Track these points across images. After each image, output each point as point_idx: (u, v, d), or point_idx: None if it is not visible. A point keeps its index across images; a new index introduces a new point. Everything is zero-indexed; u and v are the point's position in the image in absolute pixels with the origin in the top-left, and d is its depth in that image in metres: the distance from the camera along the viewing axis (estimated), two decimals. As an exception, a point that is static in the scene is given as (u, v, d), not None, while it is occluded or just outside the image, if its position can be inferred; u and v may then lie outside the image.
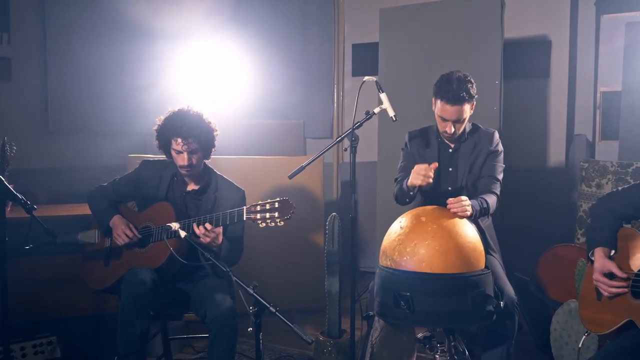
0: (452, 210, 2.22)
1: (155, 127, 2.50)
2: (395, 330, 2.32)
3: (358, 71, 5.17)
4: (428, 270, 2.04)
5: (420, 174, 2.31)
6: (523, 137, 4.27)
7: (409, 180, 2.38)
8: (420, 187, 2.39)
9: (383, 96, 2.38)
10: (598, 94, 4.08)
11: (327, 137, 5.34)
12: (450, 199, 2.25)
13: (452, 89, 2.38)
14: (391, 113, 2.35)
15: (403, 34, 3.69)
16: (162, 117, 2.49)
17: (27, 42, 4.19)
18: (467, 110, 2.46)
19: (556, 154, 4.33)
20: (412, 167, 2.59)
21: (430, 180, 2.32)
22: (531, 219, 4.18)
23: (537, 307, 2.98)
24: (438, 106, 2.47)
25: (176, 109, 2.48)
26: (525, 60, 4.30)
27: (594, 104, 4.15)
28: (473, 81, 2.46)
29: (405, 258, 2.10)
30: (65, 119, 4.41)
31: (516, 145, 4.00)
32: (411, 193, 2.44)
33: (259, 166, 3.77)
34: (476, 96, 2.47)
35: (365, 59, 5.09)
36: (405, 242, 2.13)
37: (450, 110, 2.42)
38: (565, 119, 4.29)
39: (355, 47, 5.17)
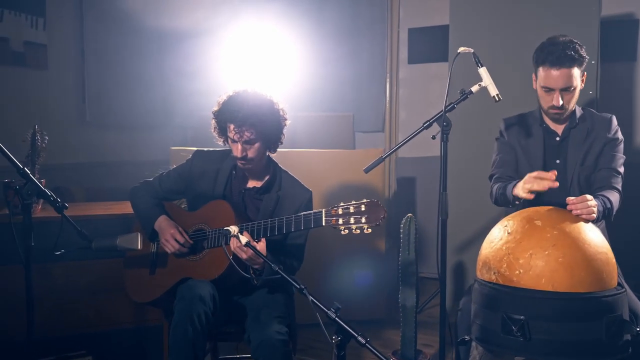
0: (574, 212, 1.78)
1: (214, 109, 2.11)
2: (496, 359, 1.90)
3: (415, 58, 4.72)
4: (549, 288, 1.64)
5: (541, 185, 1.84)
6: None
7: (519, 190, 1.92)
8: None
9: (483, 71, 1.94)
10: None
11: (379, 130, 4.93)
12: (571, 198, 1.81)
13: (556, 50, 2.02)
14: (493, 92, 1.93)
15: (479, 13, 3.22)
16: (223, 97, 2.10)
17: (63, 28, 3.93)
18: (577, 77, 2.04)
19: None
20: (511, 160, 2.18)
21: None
22: (633, 223, 3.65)
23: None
24: (541, 75, 2.07)
25: (240, 90, 2.09)
26: (608, 42, 3.78)
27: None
28: (581, 44, 2.06)
29: (517, 272, 1.68)
30: (104, 111, 4.16)
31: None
32: (517, 202, 2.00)
33: (308, 160, 3.37)
34: (587, 59, 2.07)
35: (424, 44, 4.64)
36: (517, 252, 1.70)
37: (556, 75, 2.02)
38: (655, 108, 3.80)
39: (412, 31, 4.71)
